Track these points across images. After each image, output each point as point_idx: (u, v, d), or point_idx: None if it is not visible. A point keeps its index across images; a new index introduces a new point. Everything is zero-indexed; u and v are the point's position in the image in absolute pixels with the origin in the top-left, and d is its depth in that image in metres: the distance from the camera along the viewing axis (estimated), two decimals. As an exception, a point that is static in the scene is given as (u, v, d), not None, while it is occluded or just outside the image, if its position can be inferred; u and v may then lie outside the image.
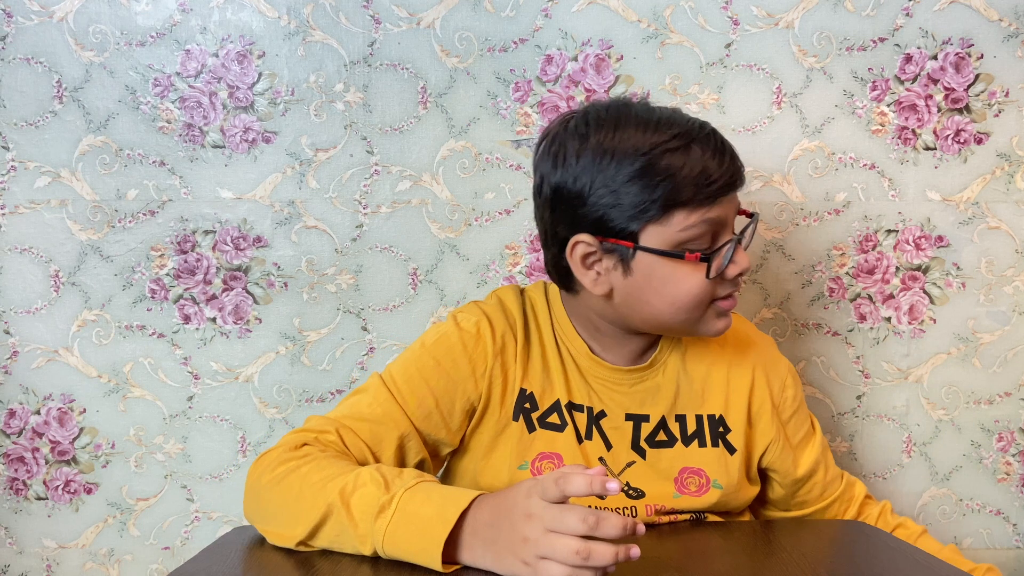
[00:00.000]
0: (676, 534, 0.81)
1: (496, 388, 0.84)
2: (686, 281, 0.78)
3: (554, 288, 0.89)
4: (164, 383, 1.14)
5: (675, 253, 0.77)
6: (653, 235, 0.77)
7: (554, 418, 0.85)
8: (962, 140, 1.15)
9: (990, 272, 1.16)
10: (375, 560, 0.68)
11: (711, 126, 0.81)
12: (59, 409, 1.14)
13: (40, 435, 1.14)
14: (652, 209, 0.76)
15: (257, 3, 1.12)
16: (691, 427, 0.87)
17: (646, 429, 0.86)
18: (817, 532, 0.69)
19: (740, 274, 0.80)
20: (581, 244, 0.79)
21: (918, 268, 1.16)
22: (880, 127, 1.15)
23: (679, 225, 0.76)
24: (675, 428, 0.87)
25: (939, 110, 1.15)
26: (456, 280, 1.14)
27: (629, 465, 0.85)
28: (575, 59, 1.13)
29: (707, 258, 0.77)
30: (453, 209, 1.14)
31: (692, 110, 1.14)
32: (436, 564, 0.63)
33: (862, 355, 1.16)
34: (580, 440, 0.85)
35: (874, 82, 1.14)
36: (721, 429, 0.87)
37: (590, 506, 0.63)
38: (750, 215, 0.83)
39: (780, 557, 0.73)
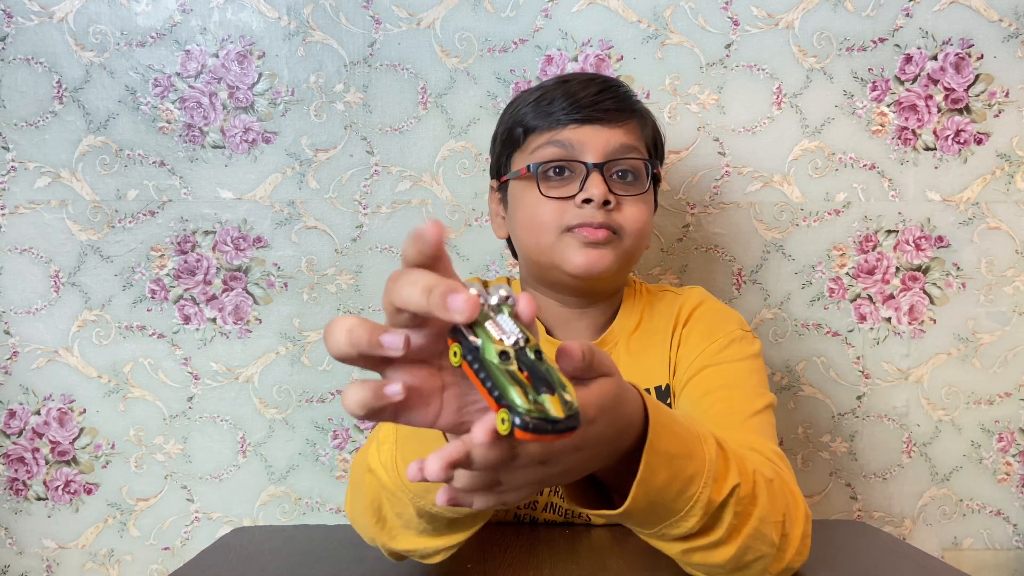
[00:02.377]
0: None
1: None
2: (528, 198, 0.82)
3: (517, 282, 0.93)
4: (164, 383, 1.14)
5: (516, 174, 0.83)
6: (516, 163, 0.85)
7: None
8: (962, 140, 1.15)
9: (990, 272, 1.16)
10: (376, 562, 0.68)
11: (609, 77, 0.87)
12: (59, 409, 1.14)
13: (40, 435, 1.14)
14: (515, 133, 0.85)
15: (257, 3, 1.12)
16: None
17: None
18: (817, 532, 0.69)
19: (587, 201, 0.78)
20: (491, 191, 0.91)
21: (918, 268, 1.16)
22: (880, 127, 1.15)
23: (532, 147, 0.83)
24: None
25: (939, 110, 1.15)
26: (456, 280, 1.14)
27: None
28: (575, 59, 1.13)
29: (535, 170, 0.81)
30: (453, 209, 1.14)
31: (692, 110, 1.14)
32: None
33: (862, 355, 1.16)
34: None
35: (874, 82, 1.14)
36: (669, 401, 0.85)
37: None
38: (648, 162, 0.83)
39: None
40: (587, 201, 0.79)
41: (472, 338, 0.40)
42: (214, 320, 1.14)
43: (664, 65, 1.13)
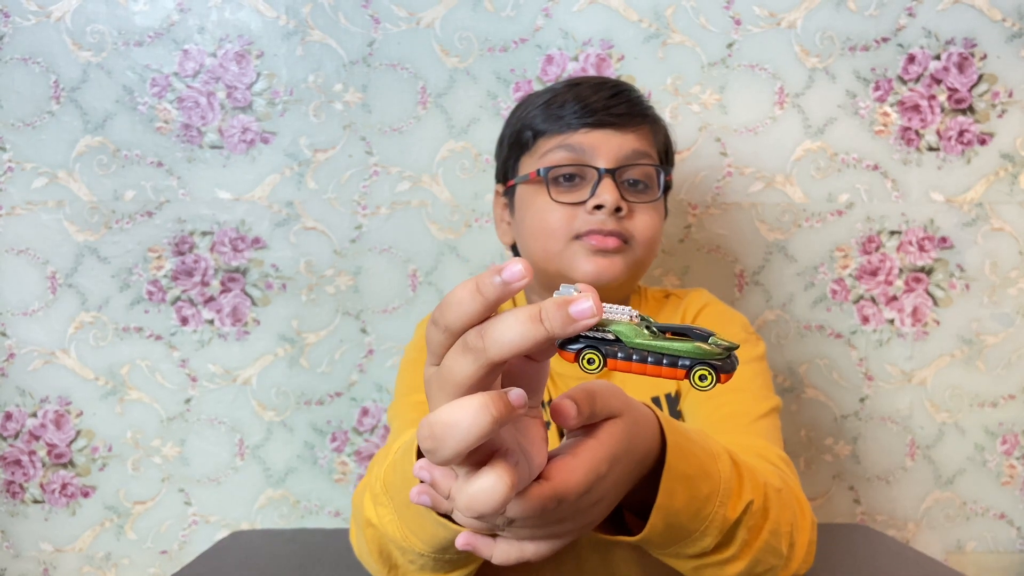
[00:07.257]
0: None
1: None
2: (537, 204, 0.80)
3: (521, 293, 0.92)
4: (161, 385, 1.13)
5: (525, 178, 0.81)
6: (525, 167, 0.83)
7: None
8: (965, 141, 1.14)
9: (994, 274, 1.15)
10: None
11: (620, 81, 0.84)
12: (56, 412, 1.13)
13: (37, 438, 1.13)
14: (523, 137, 0.83)
15: (255, 3, 1.11)
16: None
17: None
18: (819, 536, 0.68)
19: (599, 207, 0.77)
20: (496, 196, 0.89)
21: (921, 270, 1.15)
22: (883, 128, 1.14)
23: (542, 151, 0.81)
24: None
25: (942, 110, 1.14)
26: (456, 282, 1.13)
27: None
28: (576, 59, 1.12)
29: (544, 175, 0.79)
30: (453, 210, 1.13)
31: (694, 110, 1.13)
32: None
33: (865, 357, 1.16)
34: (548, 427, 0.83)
35: (877, 82, 1.13)
36: (679, 407, 0.83)
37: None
38: (660, 168, 0.82)
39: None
40: (598, 208, 0.77)
41: (605, 335, 0.39)
42: (212, 322, 1.13)
43: (665, 65, 1.13)
